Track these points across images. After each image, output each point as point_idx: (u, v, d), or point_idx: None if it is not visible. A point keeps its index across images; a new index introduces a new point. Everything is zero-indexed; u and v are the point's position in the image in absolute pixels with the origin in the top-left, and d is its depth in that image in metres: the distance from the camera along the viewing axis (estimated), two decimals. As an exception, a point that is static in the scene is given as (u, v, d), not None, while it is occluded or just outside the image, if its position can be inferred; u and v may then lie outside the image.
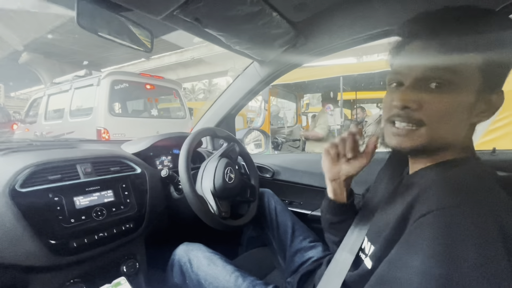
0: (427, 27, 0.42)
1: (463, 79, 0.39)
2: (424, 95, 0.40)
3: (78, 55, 12.53)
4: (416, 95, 0.41)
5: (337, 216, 0.62)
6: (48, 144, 0.95)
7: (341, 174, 0.57)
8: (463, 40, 0.39)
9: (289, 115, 5.55)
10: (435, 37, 0.40)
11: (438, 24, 0.41)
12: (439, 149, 0.43)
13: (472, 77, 0.39)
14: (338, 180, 0.58)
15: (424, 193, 0.38)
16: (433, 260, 0.30)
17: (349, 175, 0.56)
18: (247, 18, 0.69)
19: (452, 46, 0.39)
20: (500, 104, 0.41)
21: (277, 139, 3.72)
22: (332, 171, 0.58)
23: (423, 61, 0.41)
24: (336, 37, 0.86)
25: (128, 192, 0.81)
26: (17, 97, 18.95)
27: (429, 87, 0.40)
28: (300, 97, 5.16)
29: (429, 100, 0.40)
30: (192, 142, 0.86)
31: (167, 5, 0.61)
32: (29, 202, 0.62)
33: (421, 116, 0.41)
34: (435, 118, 0.40)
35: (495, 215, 0.31)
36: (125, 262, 0.80)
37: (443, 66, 0.39)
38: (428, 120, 0.40)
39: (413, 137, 0.42)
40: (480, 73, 0.39)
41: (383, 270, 0.37)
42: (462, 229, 0.30)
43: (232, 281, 0.67)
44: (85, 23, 0.57)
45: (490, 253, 0.29)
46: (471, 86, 0.39)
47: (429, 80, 0.40)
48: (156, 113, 4.17)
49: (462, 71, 0.39)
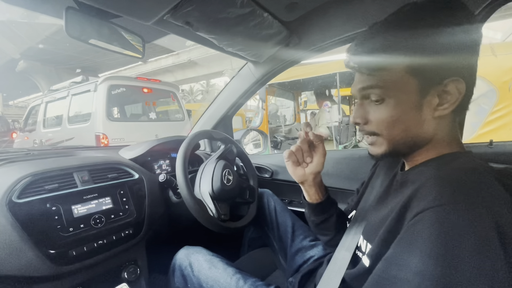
0: (350, 48, 0.45)
1: (395, 87, 0.41)
2: (369, 109, 0.45)
3: (75, 60, 12.55)
4: (362, 111, 0.45)
5: (319, 215, 0.65)
6: (45, 153, 0.95)
7: (307, 174, 0.61)
8: (377, 52, 0.41)
9: (288, 113, 5.55)
10: (354, 53, 0.44)
11: (359, 40, 0.44)
12: (412, 149, 0.45)
13: (404, 82, 0.40)
14: (307, 181, 0.62)
15: (419, 191, 0.37)
16: (430, 258, 0.30)
17: (316, 172, 0.60)
18: (238, 20, 0.69)
19: (371, 59, 0.42)
20: (461, 90, 0.39)
21: (276, 138, 3.73)
22: (298, 174, 0.61)
23: (357, 79, 0.45)
24: (329, 35, 0.86)
25: (126, 199, 0.81)
26: (16, 105, 18.97)
27: (372, 102, 0.44)
28: (298, 95, 5.16)
29: (373, 113, 0.44)
30: (188, 146, 0.86)
31: (157, 10, 0.60)
32: (27, 213, 0.62)
33: (372, 128, 0.45)
34: (383, 128, 0.43)
35: (491, 211, 0.31)
36: (126, 268, 0.80)
37: (370, 81, 0.43)
38: (379, 131, 0.44)
39: (376, 146, 0.46)
40: (412, 75, 0.40)
41: (381, 269, 0.37)
42: (458, 227, 0.30)
43: (233, 284, 0.67)
44: (75, 32, 0.56)
45: (487, 250, 0.29)
46: (408, 90, 0.41)
47: (368, 97, 0.44)
48: (154, 117, 4.17)
49: (390, 81, 0.41)
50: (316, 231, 0.69)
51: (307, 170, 0.61)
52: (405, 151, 0.45)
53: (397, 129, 0.43)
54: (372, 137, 0.46)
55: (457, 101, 0.40)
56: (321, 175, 0.63)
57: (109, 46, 0.65)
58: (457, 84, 0.39)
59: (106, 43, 0.65)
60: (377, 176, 0.58)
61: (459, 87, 0.39)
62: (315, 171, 0.60)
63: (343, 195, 0.97)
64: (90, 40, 0.61)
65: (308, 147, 0.60)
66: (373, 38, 0.42)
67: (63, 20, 0.54)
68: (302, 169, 0.61)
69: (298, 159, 0.61)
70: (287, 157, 0.61)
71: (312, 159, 0.61)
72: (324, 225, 0.65)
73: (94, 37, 0.61)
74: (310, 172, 0.60)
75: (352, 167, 0.99)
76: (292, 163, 0.61)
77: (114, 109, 4.03)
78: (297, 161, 0.61)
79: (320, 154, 0.60)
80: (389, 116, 0.42)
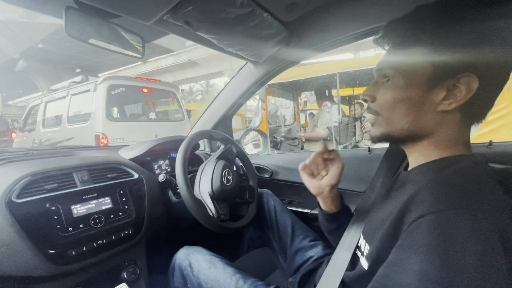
0: (386, 26, 0.46)
1: (407, 70, 0.42)
2: (379, 89, 0.46)
3: (74, 60, 12.53)
4: (372, 89, 0.47)
5: (332, 223, 0.65)
6: (45, 153, 0.94)
7: (323, 187, 0.61)
8: (404, 33, 0.42)
9: (288, 113, 5.54)
10: (385, 30, 0.45)
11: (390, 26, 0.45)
12: (409, 138, 0.45)
13: (417, 66, 0.41)
14: (323, 193, 0.62)
15: (417, 195, 0.37)
16: (432, 265, 0.30)
17: (332, 185, 0.60)
18: (238, 20, 0.69)
19: (400, 44, 0.43)
20: (472, 89, 0.38)
21: (276, 138, 3.72)
22: (313, 186, 0.62)
23: (381, 59, 0.47)
24: (329, 35, 0.86)
25: (126, 198, 0.80)
26: (15, 105, 18.95)
27: (384, 82, 0.45)
28: (298, 95, 5.16)
29: (381, 93, 0.45)
30: (188, 146, 0.86)
31: (156, 10, 0.60)
32: (26, 213, 0.62)
33: (375, 107, 0.46)
34: (385, 108, 0.44)
35: (493, 216, 0.30)
36: (125, 268, 0.80)
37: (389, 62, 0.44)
38: (380, 111, 0.45)
39: (375, 127, 0.47)
40: (427, 62, 0.40)
41: (382, 276, 0.36)
42: (460, 232, 0.30)
43: (233, 283, 0.67)
44: (75, 32, 0.56)
45: (489, 255, 0.28)
46: (418, 76, 0.41)
47: (384, 76, 0.45)
48: (154, 117, 4.17)
49: (405, 62, 0.42)
50: (328, 236, 0.69)
51: (323, 182, 0.60)
52: (401, 138, 0.45)
53: (397, 113, 0.43)
54: (375, 117, 0.47)
55: (464, 99, 0.38)
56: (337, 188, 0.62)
57: (109, 46, 0.65)
58: (469, 81, 0.38)
59: (106, 43, 0.65)
60: (377, 176, 0.58)
61: (470, 85, 0.38)
62: (331, 184, 0.60)
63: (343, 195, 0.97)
64: (90, 40, 0.61)
65: (322, 160, 0.60)
66: (405, 20, 0.43)
67: (63, 19, 0.54)
68: (317, 181, 0.61)
69: (313, 172, 0.61)
70: (302, 169, 0.61)
71: (327, 172, 0.60)
72: (337, 232, 0.64)
73: (94, 37, 0.61)
74: (326, 185, 0.60)
75: (352, 168, 0.99)
76: (308, 175, 0.61)
77: (114, 109, 4.02)
78: (312, 173, 0.61)
79: (337, 167, 0.59)
80: (392, 97, 0.43)
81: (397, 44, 0.44)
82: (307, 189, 1.09)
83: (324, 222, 0.67)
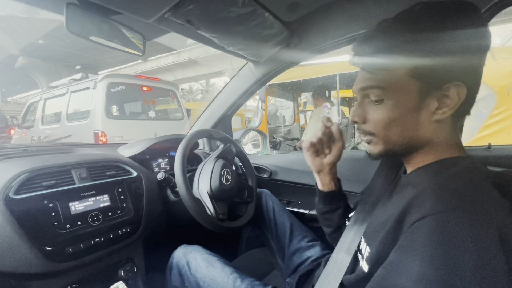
0: (355, 45, 0.45)
1: (395, 89, 0.41)
2: (368, 109, 0.45)
3: (74, 58, 12.50)
4: (361, 110, 0.46)
5: (327, 205, 0.69)
6: (43, 150, 0.94)
7: (324, 165, 0.65)
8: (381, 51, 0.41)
9: (288, 114, 5.54)
10: (358, 50, 0.44)
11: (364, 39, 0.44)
12: (408, 151, 0.45)
13: (405, 83, 0.40)
14: (324, 171, 0.66)
15: (418, 197, 0.37)
16: (430, 266, 0.30)
17: (333, 163, 0.65)
18: (239, 19, 0.69)
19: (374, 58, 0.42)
20: (461, 95, 0.38)
21: (275, 139, 3.73)
22: (316, 164, 0.66)
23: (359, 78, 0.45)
24: (330, 36, 0.86)
25: (124, 196, 0.80)
26: (14, 101, 18.89)
27: (371, 101, 0.44)
28: (297, 96, 5.16)
29: (371, 113, 0.44)
30: (187, 145, 0.86)
31: (158, 7, 0.60)
32: (24, 209, 0.61)
33: (369, 128, 0.45)
34: (380, 128, 0.44)
35: (493, 217, 0.30)
36: (123, 266, 0.80)
37: (371, 81, 0.43)
38: (375, 131, 0.45)
39: (372, 145, 0.47)
40: (414, 77, 0.39)
41: (380, 277, 0.36)
42: (459, 234, 0.30)
43: (230, 283, 0.67)
44: (75, 28, 0.56)
45: (489, 256, 0.28)
46: (407, 92, 0.40)
47: (368, 96, 0.44)
48: (153, 115, 4.16)
49: (391, 81, 0.41)
50: (321, 220, 0.72)
51: (325, 160, 0.65)
52: (401, 152, 0.45)
53: (394, 131, 0.43)
54: (369, 136, 0.46)
55: (456, 106, 0.39)
56: (336, 166, 0.67)
57: (110, 43, 0.65)
58: (458, 88, 0.38)
59: (107, 40, 0.65)
60: (376, 179, 0.58)
61: (459, 92, 0.38)
62: (332, 161, 0.64)
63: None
64: (91, 36, 0.61)
65: (327, 139, 0.64)
66: (379, 37, 0.42)
67: (64, 16, 0.53)
68: (320, 159, 0.65)
69: (318, 150, 0.65)
70: (307, 148, 0.65)
71: (330, 150, 0.65)
72: (329, 215, 0.68)
73: (94, 34, 0.61)
74: (328, 163, 0.64)
75: (351, 168, 0.99)
76: (311, 154, 0.65)
77: (113, 107, 4.01)
78: (317, 151, 0.65)
79: (339, 146, 0.64)
80: (386, 117, 0.42)
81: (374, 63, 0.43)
82: (306, 190, 1.10)
83: (319, 204, 0.70)
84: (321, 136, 0.64)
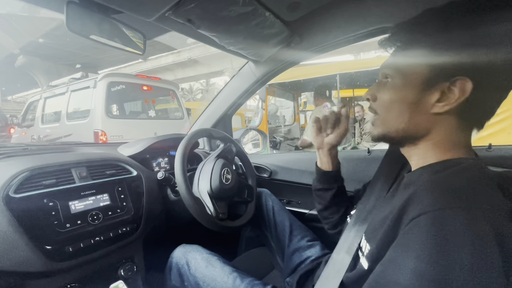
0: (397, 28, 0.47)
1: (405, 71, 0.44)
2: (381, 89, 0.48)
3: (74, 57, 12.49)
4: (375, 89, 0.49)
5: (321, 183, 0.72)
6: (43, 148, 0.94)
7: (324, 143, 0.68)
8: (411, 41, 0.44)
9: (288, 113, 5.55)
10: (392, 34, 0.47)
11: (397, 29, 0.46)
12: (404, 139, 0.46)
13: (414, 69, 0.42)
14: (323, 149, 0.69)
15: (418, 194, 0.37)
16: (427, 263, 0.30)
17: (332, 144, 0.67)
18: (240, 19, 0.69)
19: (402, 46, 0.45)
20: (465, 92, 0.38)
21: (275, 138, 3.73)
22: (317, 141, 0.69)
23: (386, 60, 0.48)
24: (331, 36, 0.85)
25: (124, 195, 0.80)
26: (14, 100, 18.89)
27: (385, 82, 0.47)
28: (298, 95, 5.16)
29: (381, 93, 0.47)
30: (187, 144, 0.86)
31: (158, 6, 0.60)
32: (24, 208, 0.61)
33: (376, 106, 0.48)
34: (382, 108, 0.47)
35: (489, 216, 0.31)
36: (122, 266, 0.80)
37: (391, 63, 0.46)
38: (379, 111, 0.48)
39: (374, 126, 0.49)
40: (427, 67, 0.41)
41: (378, 273, 0.36)
42: (456, 231, 0.30)
43: (230, 282, 0.67)
44: (76, 27, 0.56)
45: (484, 254, 0.28)
46: (414, 77, 0.42)
47: (386, 77, 0.47)
48: (153, 114, 4.17)
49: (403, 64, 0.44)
50: (314, 195, 0.76)
51: (326, 139, 0.68)
52: (398, 139, 0.47)
53: (392, 113, 0.45)
54: (375, 116, 0.49)
55: (458, 102, 0.39)
56: (337, 150, 0.70)
57: (110, 42, 0.65)
58: (463, 84, 0.38)
59: (107, 39, 0.65)
60: (377, 177, 0.58)
61: (464, 88, 0.38)
62: (331, 143, 0.67)
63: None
64: (91, 35, 0.61)
65: (334, 120, 0.66)
66: (410, 23, 0.44)
67: (64, 14, 0.53)
68: (321, 137, 0.69)
69: (322, 127, 0.68)
70: (313, 122, 0.69)
71: (332, 131, 0.67)
72: (321, 193, 0.72)
73: (95, 32, 0.61)
74: (327, 142, 0.67)
75: (351, 168, 0.99)
76: (316, 129, 0.68)
77: (113, 106, 4.01)
78: (320, 128, 0.68)
79: (341, 130, 0.66)
80: (389, 97, 0.45)
81: (400, 46, 0.46)
82: (306, 189, 1.10)
83: (315, 182, 0.74)
84: (328, 114, 0.66)
